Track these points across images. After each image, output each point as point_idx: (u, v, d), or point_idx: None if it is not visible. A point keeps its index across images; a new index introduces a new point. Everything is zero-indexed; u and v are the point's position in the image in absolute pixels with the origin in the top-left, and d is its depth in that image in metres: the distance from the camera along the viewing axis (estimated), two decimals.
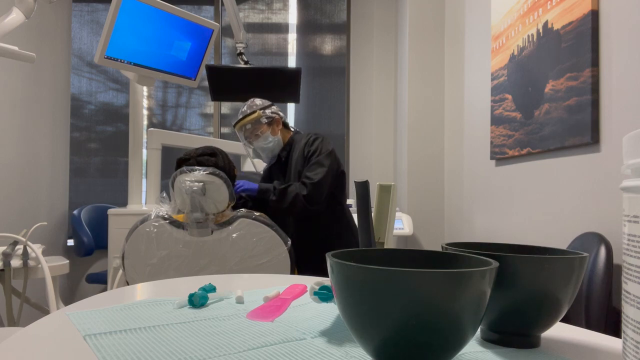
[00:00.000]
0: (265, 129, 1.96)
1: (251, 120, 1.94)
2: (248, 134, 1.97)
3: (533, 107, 1.96)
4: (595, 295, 1.33)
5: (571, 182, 1.72)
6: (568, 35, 1.70)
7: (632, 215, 0.35)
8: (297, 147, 1.97)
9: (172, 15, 2.37)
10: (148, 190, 2.64)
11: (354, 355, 0.50)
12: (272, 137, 1.97)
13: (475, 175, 2.65)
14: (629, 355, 0.35)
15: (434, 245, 3.10)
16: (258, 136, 1.96)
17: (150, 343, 0.54)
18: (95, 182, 3.74)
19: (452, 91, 3.02)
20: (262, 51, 3.85)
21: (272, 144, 1.98)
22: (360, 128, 3.82)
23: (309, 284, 0.87)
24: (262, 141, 1.96)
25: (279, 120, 2.00)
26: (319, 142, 1.91)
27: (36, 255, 1.88)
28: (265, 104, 1.99)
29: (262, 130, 1.95)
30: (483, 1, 2.55)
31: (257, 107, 1.97)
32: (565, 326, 0.63)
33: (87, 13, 3.76)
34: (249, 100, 2.02)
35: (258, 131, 1.95)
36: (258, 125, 1.95)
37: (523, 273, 0.48)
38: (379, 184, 2.18)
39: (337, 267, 0.41)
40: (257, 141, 1.97)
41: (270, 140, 1.97)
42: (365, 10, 3.81)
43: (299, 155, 1.93)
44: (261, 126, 1.95)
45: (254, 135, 1.96)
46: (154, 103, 3.80)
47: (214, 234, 1.52)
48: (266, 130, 1.96)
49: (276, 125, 1.98)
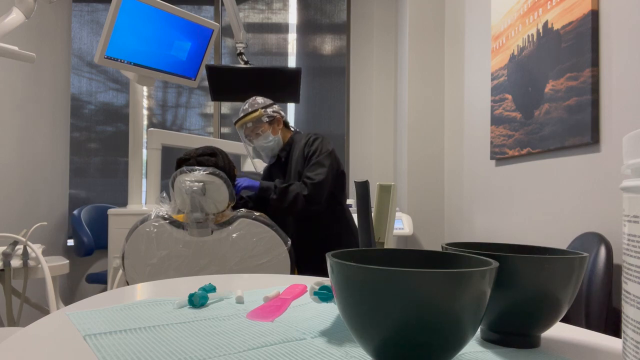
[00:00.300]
0: (266, 128, 1.96)
1: (252, 118, 1.95)
2: (249, 132, 1.98)
3: (533, 107, 1.96)
4: (595, 295, 1.33)
5: (571, 182, 1.72)
6: (568, 35, 1.70)
7: (632, 215, 0.35)
8: (297, 147, 1.97)
9: (172, 15, 2.37)
10: (148, 190, 2.64)
11: (354, 355, 0.50)
12: (272, 136, 1.97)
13: (475, 175, 2.65)
14: (629, 355, 0.35)
15: (434, 245, 3.10)
16: (258, 135, 1.96)
17: (150, 343, 0.54)
18: (95, 182, 3.74)
19: (452, 91, 3.02)
20: (262, 51, 3.85)
21: (272, 143, 1.98)
22: (360, 128, 3.82)
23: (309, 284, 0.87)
24: (262, 140, 1.97)
25: (280, 120, 2.00)
26: (318, 142, 1.91)
27: (36, 255, 1.88)
28: (267, 102, 2.00)
29: (263, 129, 1.95)
30: (483, 1, 2.55)
31: (259, 105, 1.97)
32: (565, 326, 0.63)
33: (87, 13, 3.76)
34: (251, 98, 2.02)
35: (259, 130, 1.95)
36: (259, 124, 1.95)
37: (523, 273, 0.48)
38: (379, 184, 2.18)
39: (337, 267, 0.41)
40: (258, 140, 1.97)
41: (271, 139, 1.97)
42: (365, 10, 3.81)
43: (299, 155, 1.93)
44: (262, 125, 1.95)
45: (254, 133, 1.97)
46: (154, 103, 3.80)
47: (214, 234, 1.52)
48: (267, 129, 1.96)
49: (277, 125, 1.98)
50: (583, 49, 1.61)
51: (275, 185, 1.84)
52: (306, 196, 1.80)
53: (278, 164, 2.06)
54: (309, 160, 1.89)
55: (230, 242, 1.52)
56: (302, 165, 1.91)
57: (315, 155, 1.87)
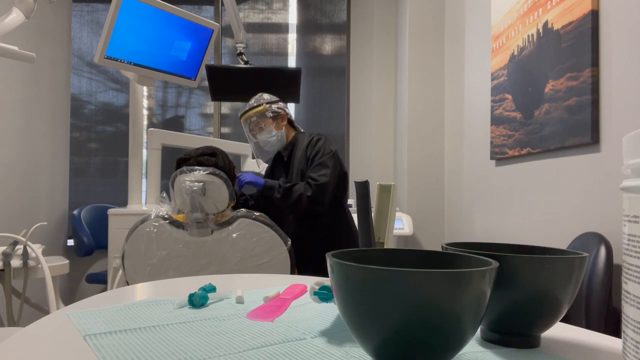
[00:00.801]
0: (270, 123, 1.98)
1: (257, 112, 1.98)
2: (252, 126, 2.00)
3: (533, 107, 1.96)
4: (595, 295, 1.33)
5: (571, 182, 1.72)
6: (568, 35, 1.70)
7: (632, 215, 0.35)
8: (300, 146, 1.98)
9: (172, 15, 2.37)
10: (148, 190, 2.64)
11: (354, 355, 0.50)
12: (275, 132, 1.99)
13: (475, 175, 2.65)
14: (629, 355, 0.35)
15: (434, 245, 3.10)
16: (262, 129, 1.99)
17: (150, 343, 0.54)
18: (95, 182, 3.74)
19: (452, 91, 3.02)
20: (262, 51, 3.85)
21: (274, 139, 2.00)
22: (360, 128, 3.82)
23: (309, 284, 0.87)
24: (265, 134, 1.99)
25: (284, 117, 2.02)
26: (322, 143, 1.92)
27: (36, 255, 1.88)
28: (273, 99, 2.03)
29: (267, 124, 1.98)
30: (483, 1, 2.55)
31: (264, 100, 2.01)
32: (565, 326, 0.63)
33: (87, 13, 3.76)
34: (257, 94, 2.05)
35: (262, 124, 1.98)
36: (263, 119, 1.98)
37: (523, 273, 0.48)
38: (379, 184, 2.18)
39: (337, 267, 0.41)
40: (261, 134, 2.00)
41: (274, 134, 1.99)
42: (365, 10, 3.81)
43: (302, 155, 1.94)
44: (266, 120, 1.98)
45: (258, 128, 1.99)
46: (154, 103, 3.80)
47: (214, 234, 1.52)
48: (270, 124, 1.98)
49: (281, 121, 2.01)
50: (583, 49, 1.61)
51: (280, 185, 1.86)
52: (310, 197, 1.81)
53: (281, 163, 2.07)
54: (312, 160, 1.90)
55: (230, 242, 1.52)
56: (305, 165, 1.92)
57: (319, 156, 1.89)
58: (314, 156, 1.89)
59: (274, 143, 2.01)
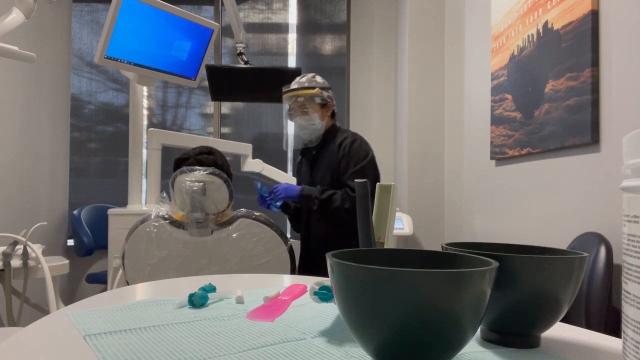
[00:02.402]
0: (316, 110, 1.87)
1: (306, 94, 1.85)
2: (295, 106, 1.88)
3: (533, 107, 1.96)
4: (595, 295, 1.33)
5: (571, 182, 1.72)
6: (568, 35, 1.70)
7: (632, 215, 0.35)
8: (331, 142, 1.89)
9: (172, 15, 2.37)
10: (148, 190, 2.64)
11: (354, 355, 0.50)
12: (318, 120, 1.88)
13: (475, 175, 2.65)
14: (629, 355, 0.35)
15: (434, 245, 3.10)
16: (305, 113, 1.87)
17: (150, 343, 0.54)
18: (95, 182, 3.74)
19: (452, 91, 3.02)
20: (262, 51, 3.84)
21: (314, 127, 1.88)
22: (360, 128, 3.81)
23: (309, 284, 0.87)
24: (306, 120, 1.87)
25: (331, 108, 1.92)
26: (357, 145, 1.83)
27: (36, 255, 1.88)
28: (326, 85, 1.91)
29: (313, 110, 1.86)
30: (483, 1, 2.55)
31: (317, 84, 1.88)
32: (565, 326, 0.63)
33: (87, 13, 3.76)
34: (310, 74, 1.93)
35: (308, 108, 1.86)
36: (310, 103, 1.86)
37: (523, 273, 0.48)
38: (378, 184, 2.17)
39: (337, 267, 0.41)
40: (302, 118, 1.88)
41: (316, 123, 1.88)
42: (365, 10, 3.81)
43: (332, 153, 1.86)
44: (313, 105, 1.87)
45: (301, 110, 1.87)
46: (154, 103, 3.80)
47: (214, 234, 1.52)
48: (315, 111, 1.87)
49: (326, 110, 1.90)
50: (583, 49, 1.61)
51: (316, 196, 1.78)
52: (347, 209, 1.75)
53: (309, 155, 1.98)
54: (348, 165, 1.81)
55: (230, 242, 1.52)
56: (336, 163, 1.83)
57: (355, 161, 1.80)
58: (350, 160, 1.80)
59: (311, 132, 1.89)
